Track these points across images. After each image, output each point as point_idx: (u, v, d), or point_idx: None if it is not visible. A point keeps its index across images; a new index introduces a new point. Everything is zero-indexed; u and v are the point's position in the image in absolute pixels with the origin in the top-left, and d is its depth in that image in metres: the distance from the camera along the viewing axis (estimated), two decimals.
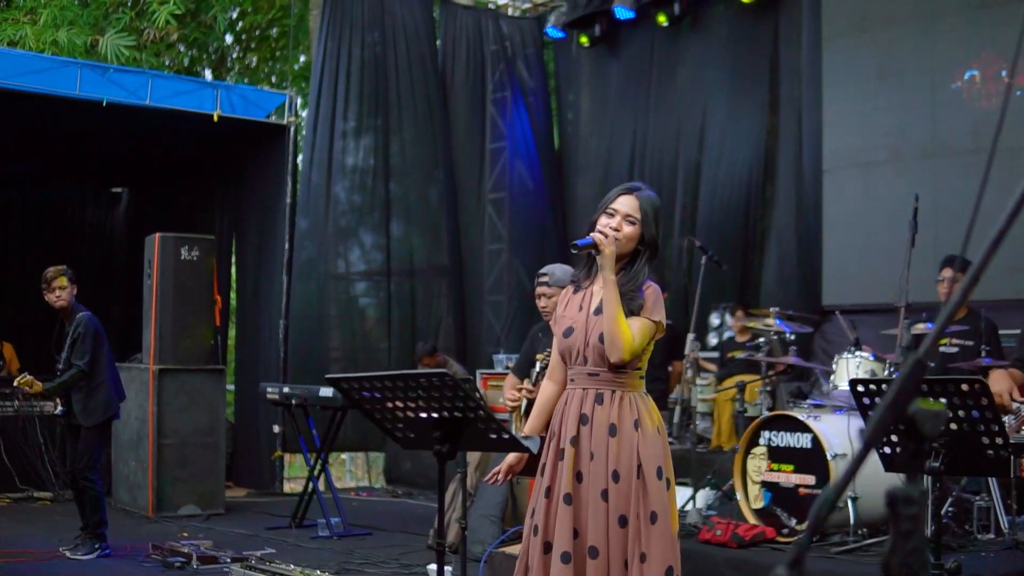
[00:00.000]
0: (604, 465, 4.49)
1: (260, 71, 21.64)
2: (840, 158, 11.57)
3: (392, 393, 4.22)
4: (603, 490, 4.47)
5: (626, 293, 4.52)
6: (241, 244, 13.76)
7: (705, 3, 13.18)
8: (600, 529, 4.46)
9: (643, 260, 4.59)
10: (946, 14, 10.81)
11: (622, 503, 4.45)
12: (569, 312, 4.69)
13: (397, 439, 4.49)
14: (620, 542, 4.44)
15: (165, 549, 8.51)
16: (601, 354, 4.51)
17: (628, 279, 4.56)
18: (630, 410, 4.52)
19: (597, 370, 4.55)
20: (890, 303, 10.44)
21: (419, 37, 14.13)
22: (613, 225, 4.57)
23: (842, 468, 7.30)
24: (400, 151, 13.93)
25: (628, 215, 4.58)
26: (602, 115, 14.60)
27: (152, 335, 10.87)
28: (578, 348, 4.60)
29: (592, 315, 4.58)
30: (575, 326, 4.63)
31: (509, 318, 14.55)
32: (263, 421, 12.86)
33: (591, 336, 4.55)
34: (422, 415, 4.23)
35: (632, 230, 4.57)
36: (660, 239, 4.66)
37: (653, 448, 4.49)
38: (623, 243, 4.56)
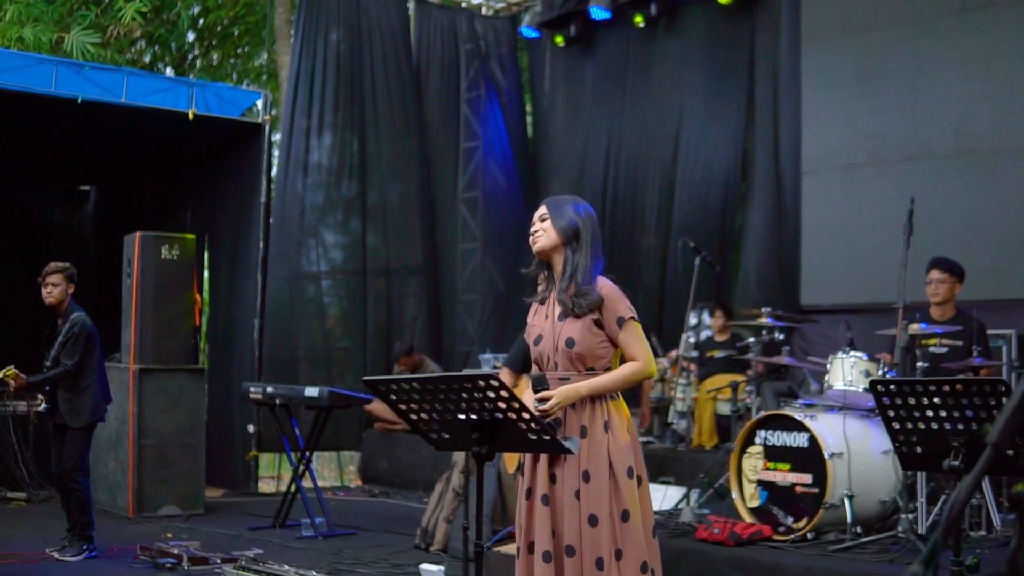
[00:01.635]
0: (576, 466, 4.64)
1: (223, 69, 21.50)
2: (820, 160, 11.65)
3: (432, 395, 4.24)
4: (576, 490, 4.64)
5: (575, 297, 4.75)
6: (214, 243, 13.68)
7: (681, 4, 13.21)
8: (574, 528, 4.63)
9: (573, 254, 4.81)
10: (928, 18, 10.91)
11: (593, 502, 4.61)
12: (537, 321, 4.91)
13: (431, 440, 4.50)
14: (591, 540, 4.60)
15: (153, 550, 8.46)
16: (570, 358, 4.72)
17: (568, 278, 4.79)
18: (601, 412, 4.70)
19: (567, 374, 4.73)
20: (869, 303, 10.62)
21: (394, 35, 14.10)
22: (532, 230, 4.90)
23: (839, 467, 7.39)
24: (374, 150, 13.89)
25: (540, 216, 4.92)
26: (577, 115, 14.62)
27: (132, 335, 10.79)
28: (548, 354, 4.80)
29: (556, 321, 4.78)
30: (543, 334, 4.83)
31: (483, 317, 14.56)
32: (237, 421, 12.81)
33: (559, 341, 4.75)
34: (460, 416, 4.24)
35: (546, 224, 4.87)
36: (592, 238, 4.89)
37: (623, 448, 4.68)
38: (545, 238, 4.85)
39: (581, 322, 4.70)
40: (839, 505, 7.36)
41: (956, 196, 10.23)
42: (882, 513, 7.63)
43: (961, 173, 10.56)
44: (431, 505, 9.45)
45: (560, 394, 4.60)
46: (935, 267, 8.42)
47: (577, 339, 4.69)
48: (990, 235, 10.20)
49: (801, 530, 7.41)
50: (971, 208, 10.31)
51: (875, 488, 7.56)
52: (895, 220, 10.63)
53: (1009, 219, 10.25)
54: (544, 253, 4.86)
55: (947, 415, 4.67)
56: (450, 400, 4.22)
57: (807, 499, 7.47)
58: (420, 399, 4.29)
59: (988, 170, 10.44)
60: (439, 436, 4.47)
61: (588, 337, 4.69)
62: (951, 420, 4.67)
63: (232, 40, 21.10)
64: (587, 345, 4.69)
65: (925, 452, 4.87)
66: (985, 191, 10.41)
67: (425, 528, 9.31)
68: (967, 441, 4.68)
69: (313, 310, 13.68)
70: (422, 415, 4.37)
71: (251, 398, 10.54)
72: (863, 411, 7.89)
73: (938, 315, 8.39)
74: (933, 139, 10.82)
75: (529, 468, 4.77)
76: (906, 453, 4.96)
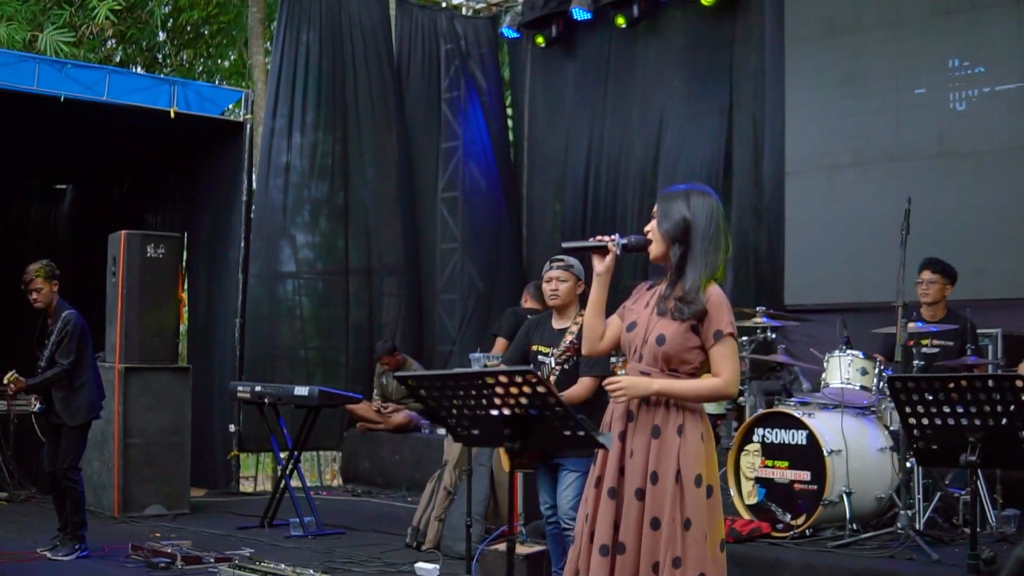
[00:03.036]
0: (643, 465, 4.55)
1: (194, 68, 21.42)
2: (803, 161, 11.70)
3: (465, 391, 4.24)
4: (638, 489, 4.55)
5: (679, 302, 4.58)
6: (193, 242, 13.64)
7: (663, 5, 13.22)
8: (631, 527, 4.54)
9: (680, 257, 4.62)
10: (912, 20, 10.97)
11: (657, 505, 4.51)
12: (637, 307, 4.77)
13: (459, 436, 4.50)
14: (651, 543, 4.50)
15: (146, 549, 8.45)
16: (656, 355, 4.58)
17: (675, 281, 4.64)
18: (676, 414, 4.58)
19: (649, 369, 4.61)
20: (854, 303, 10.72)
21: (375, 35, 14.06)
22: (646, 228, 4.75)
23: (837, 464, 7.46)
24: (355, 149, 13.85)
25: (653, 213, 4.75)
26: (558, 116, 14.63)
27: (118, 333, 10.76)
28: (636, 345, 4.68)
29: (655, 314, 4.65)
30: (638, 322, 4.71)
31: (464, 317, 14.56)
32: (218, 420, 12.79)
33: (650, 335, 4.62)
34: (492, 412, 4.24)
35: (653, 225, 4.71)
36: (704, 235, 4.61)
37: (695, 455, 4.54)
38: (654, 245, 4.69)
39: (678, 323, 4.57)
40: (837, 502, 7.43)
41: (940, 197, 10.30)
42: (878, 510, 7.71)
43: (945, 174, 10.63)
44: (422, 504, 9.47)
45: (630, 382, 4.55)
46: (927, 268, 8.52)
47: (668, 339, 4.56)
48: (974, 236, 10.29)
49: (800, 527, 7.48)
50: (955, 209, 10.39)
51: (872, 485, 7.64)
52: (879, 220, 10.81)
53: (992, 220, 10.34)
54: (657, 259, 4.72)
55: (964, 411, 4.72)
56: (483, 395, 4.21)
57: (805, 496, 7.53)
58: (452, 395, 4.29)
59: (971, 171, 10.53)
60: (468, 432, 4.47)
61: (680, 340, 4.56)
62: (968, 416, 4.72)
63: (204, 39, 21.02)
64: (676, 347, 4.56)
65: (941, 448, 4.93)
66: (968, 192, 10.49)
67: (416, 527, 9.33)
68: (983, 436, 4.74)
69: (293, 310, 13.62)
70: (453, 411, 4.36)
71: (239, 397, 10.53)
72: (859, 409, 7.98)
73: (928, 315, 8.49)
74: (917, 140, 10.88)
75: (601, 457, 4.68)
76: (922, 449, 5.02)
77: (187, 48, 21.09)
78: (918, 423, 4.90)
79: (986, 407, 4.68)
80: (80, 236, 15.26)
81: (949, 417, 4.78)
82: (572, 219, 14.09)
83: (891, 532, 7.28)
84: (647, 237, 4.70)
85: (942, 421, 4.82)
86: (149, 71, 20.38)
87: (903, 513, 7.23)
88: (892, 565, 6.76)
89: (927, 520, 7.44)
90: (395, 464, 12.62)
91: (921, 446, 5.00)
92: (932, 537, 7.15)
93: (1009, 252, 10.22)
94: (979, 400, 4.67)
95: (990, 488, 7.61)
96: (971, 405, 4.69)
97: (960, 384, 4.72)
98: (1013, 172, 10.28)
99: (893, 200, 10.47)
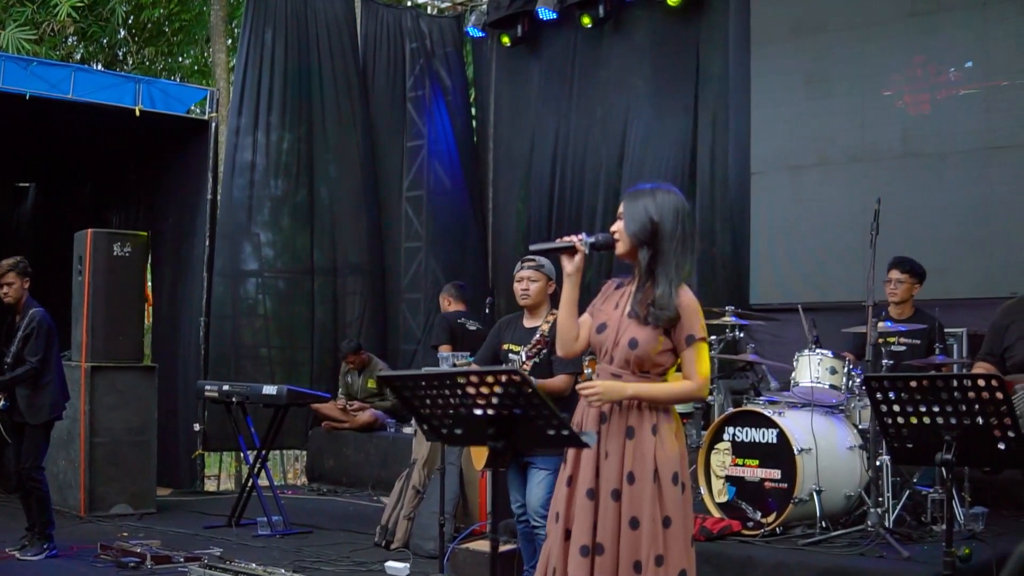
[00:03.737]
0: (618, 466, 4.57)
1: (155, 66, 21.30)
2: (769, 162, 11.76)
3: (450, 390, 4.23)
4: (614, 490, 4.56)
5: (651, 307, 4.57)
6: (157, 240, 13.57)
7: (629, 5, 13.25)
8: (608, 528, 4.55)
9: (649, 259, 4.61)
10: (877, 22, 11.05)
11: (636, 505, 4.53)
12: (607, 308, 4.77)
13: (440, 435, 4.49)
14: (630, 543, 4.52)
15: (115, 549, 8.44)
16: (628, 358, 4.60)
17: (644, 284, 4.64)
18: (649, 415, 4.59)
19: (620, 371, 4.63)
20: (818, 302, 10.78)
21: (340, 33, 14.04)
22: (612, 228, 4.73)
23: (808, 462, 7.52)
24: (320, 148, 13.83)
25: (619, 214, 4.73)
26: (523, 115, 14.63)
27: (84, 332, 10.73)
28: (607, 347, 4.68)
29: (626, 316, 4.65)
30: (608, 323, 4.70)
31: (428, 316, 14.55)
32: (182, 419, 12.75)
33: (622, 338, 4.62)
34: (476, 412, 4.24)
35: (619, 226, 4.68)
36: (671, 236, 4.59)
37: (670, 454, 4.57)
38: (620, 243, 4.68)
39: (650, 327, 4.56)
40: (808, 500, 7.47)
41: (904, 197, 10.38)
42: (847, 508, 7.76)
43: (909, 175, 10.72)
44: (391, 503, 9.47)
45: (605, 386, 4.55)
46: (896, 267, 8.60)
47: (641, 342, 4.57)
48: (938, 236, 10.38)
49: (770, 525, 7.51)
50: (919, 209, 10.47)
51: (841, 483, 7.69)
52: (844, 221, 10.92)
53: (956, 220, 10.45)
54: (623, 256, 4.70)
55: (940, 410, 4.77)
56: (467, 395, 4.21)
57: (776, 494, 7.57)
58: (436, 394, 4.28)
59: (935, 172, 10.63)
60: (450, 431, 4.46)
61: (652, 344, 4.56)
62: (943, 415, 4.77)
63: (165, 37, 20.91)
64: (648, 351, 4.57)
65: (917, 446, 4.97)
66: (932, 193, 10.59)
67: (385, 526, 9.34)
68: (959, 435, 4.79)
69: (257, 308, 13.57)
70: (436, 411, 4.35)
71: (206, 396, 10.51)
72: (828, 407, 8.04)
73: (896, 314, 8.57)
74: (881, 141, 10.97)
75: (573, 457, 4.68)
76: (897, 447, 5.06)
77: (148, 46, 20.96)
78: (894, 422, 4.94)
79: (962, 406, 4.72)
80: (42, 235, 15.17)
81: (925, 416, 4.82)
82: (537, 218, 14.11)
83: (861, 530, 7.33)
84: (614, 237, 4.69)
85: (918, 420, 4.85)
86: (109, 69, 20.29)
87: (873, 511, 7.29)
88: (863, 563, 6.80)
89: (896, 518, 7.50)
90: (360, 463, 12.61)
91: (897, 445, 5.04)
92: (902, 535, 7.21)
93: (973, 252, 10.33)
94: (954, 399, 4.72)
95: (958, 486, 7.68)
96: (947, 404, 4.73)
97: (936, 384, 4.77)
98: (977, 173, 10.39)
99: (858, 201, 10.61)
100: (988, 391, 4.69)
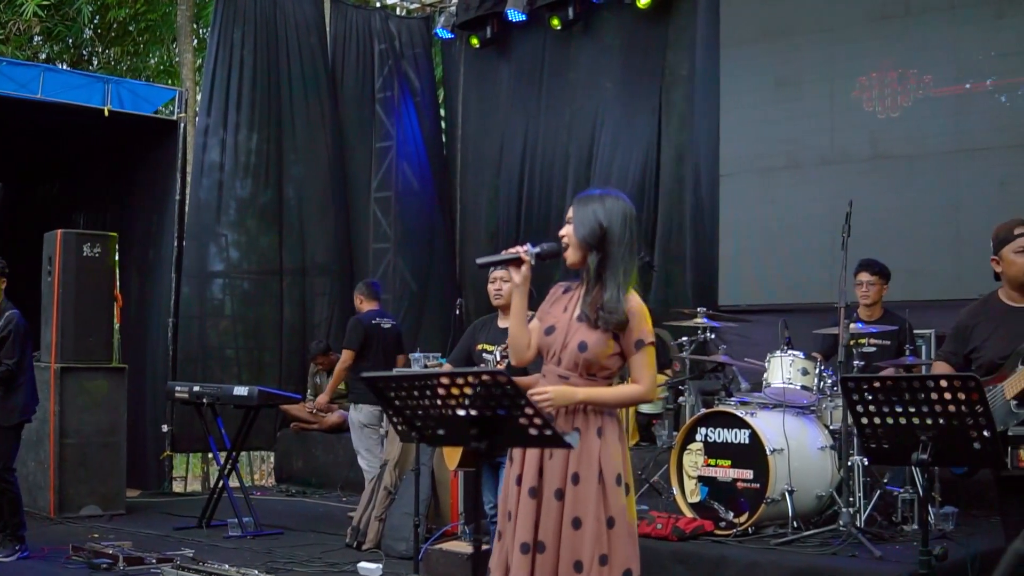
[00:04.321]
0: (563, 466, 4.61)
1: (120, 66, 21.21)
2: (738, 164, 11.82)
3: (433, 391, 4.24)
4: (557, 489, 4.61)
5: (601, 311, 4.62)
6: (125, 242, 13.52)
7: (598, 7, 13.28)
8: (551, 527, 4.60)
9: (599, 264, 4.66)
10: (847, 25, 11.13)
11: (579, 506, 4.57)
12: (555, 311, 4.82)
13: (424, 437, 4.50)
14: (571, 543, 4.56)
15: (87, 550, 8.40)
16: (577, 361, 4.65)
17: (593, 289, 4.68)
18: (595, 418, 4.66)
19: (568, 373, 4.68)
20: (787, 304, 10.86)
21: (309, 34, 14.02)
22: (560, 233, 4.76)
23: (780, 463, 7.56)
24: (289, 148, 13.80)
25: (568, 218, 4.77)
26: (492, 117, 14.65)
27: (54, 333, 10.68)
28: (555, 349, 4.73)
29: (575, 320, 4.70)
30: (557, 326, 4.75)
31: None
32: (150, 421, 12.71)
33: (570, 340, 4.68)
34: (459, 412, 4.25)
35: (568, 230, 4.73)
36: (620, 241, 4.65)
37: (614, 455, 4.64)
38: (569, 249, 4.72)
39: (600, 331, 4.62)
40: (780, 500, 7.52)
41: (873, 200, 10.43)
42: (819, 508, 7.82)
43: (877, 177, 10.80)
44: (362, 504, 9.47)
45: (556, 392, 4.59)
46: (865, 269, 8.66)
47: (590, 346, 4.62)
48: (906, 238, 10.46)
49: (742, 525, 7.56)
50: (887, 212, 10.54)
51: (812, 483, 7.74)
52: (813, 223, 10.98)
53: (924, 222, 10.53)
54: (574, 265, 4.74)
55: (916, 411, 4.79)
56: (451, 396, 4.22)
57: (748, 494, 7.62)
58: (419, 395, 4.30)
59: (904, 175, 10.70)
60: (432, 432, 4.47)
61: (601, 347, 4.62)
62: (920, 415, 4.79)
63: (131, 37, 20.82)
64: (597, 354, 4.62)
65: (893, 447, 5.00)
66: (901, 195, 10.66)
67: (356, 527, 9.34)
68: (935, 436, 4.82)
69: (223, 310, 13.52)
70: (419, 411, 4.36)
71: (177, 397, 10.47)
72: (799, 408, 8.09)
73: (866, 316, 8.63)
74: (851, 144, 11.05)
75: (519, 456, 4.72)
76: (874, 448, 5.08)
77: (114, 46, 20.88)
78: (870, 422, 4.96)
79: (938, 407, 4.75)
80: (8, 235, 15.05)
81: (901, 416, 4.85)
82: (506, 219, 14.13)
83: (832, 530, 7.38)
84: (563, 242, 4.73)
85: (894, 420, 4.88)
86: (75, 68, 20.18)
87: (845, 511, 7.34)
88: (836, 562, 6.86)
89: (867, 518, 7.56)
90: (328, 464, 12.58)
91: (873, 445, 5.06)
92: (873, 535, 7.27)
93: (942, 254, 10.41)
94: (931, 400, 4.75)
95: (928, 486, 7.73)
96: (923, 405, 4.76)
97: (913, 384, 4.79)
98: (946, 176, 10.48)
99: (827, 203, 10.67)
100: (964, 391, 4.72)
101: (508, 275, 6.88)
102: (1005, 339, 5.40)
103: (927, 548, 4.97)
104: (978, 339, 5.57)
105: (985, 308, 5.68)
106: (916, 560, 6.45)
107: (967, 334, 5.64)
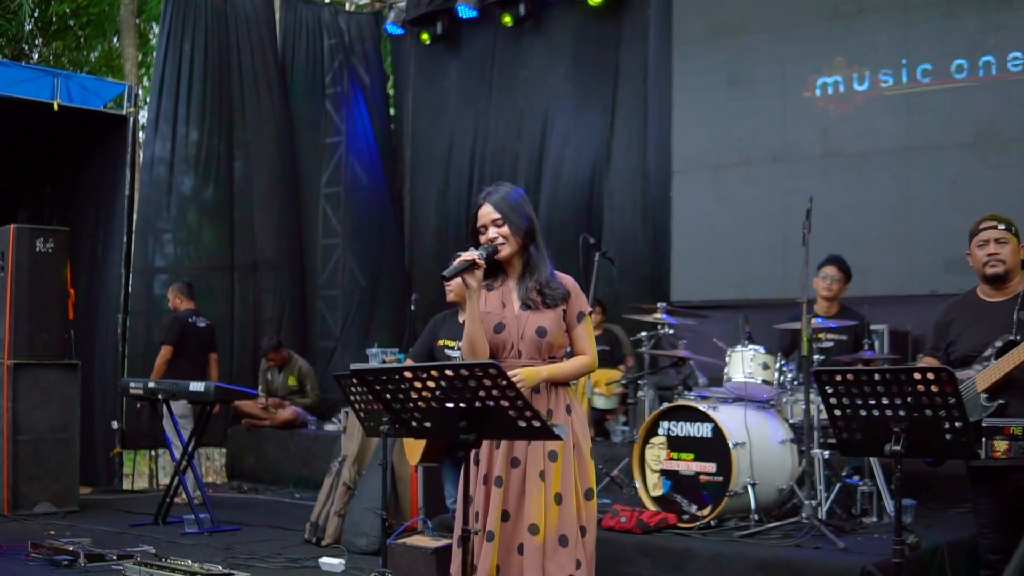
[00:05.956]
0: (541, 448, 4.74)
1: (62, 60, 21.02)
2: (690, 160, 11.92)
3: (422, 383, 4.27)
4: (541, 471, 4.73)
5: (544, 289, 4.85)
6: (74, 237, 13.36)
7: (549, 5, 13.35)
8: (540, 507, 4.71)
9: (536, 252, 4.90)
10: (799, 23, 11.27)
11: (560, 481, 4.73)
12: (494, 309, 4.90)
13: (410, 429, 4.53)
14: (556, 519, 4.71)
15: (47, 547, 8.33)
16: (539, 347, 4.81)
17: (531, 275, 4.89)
18: (563, 396, 4.86)
19: (531, 361, 4.82)
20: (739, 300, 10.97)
21: (259, 28, 14.01)
22: (489, 236, 4.84)
23: (742, 456, 7.64)
24: (239, 142, 13.76)
25: (493, 221, 4.86)
26: (442, 113, 14.67)
27: (7, 329, 10.57)
28: (512, 342, 4.85)
29: (520, 311, 4.85)
30: (506, 323, 4.86)
31: (347, 314, 14.54)
32: (100, 417, 12.60)
33: (526, 330, 4.82)
34: (447, 405, 4.29)
35: (504, 230, 4.84)
36: (538, 229, 4.95)
37: (584, 430, 4.89)
38: (508, 247, 4.86)
39: (552, 313, 4.81)
40: (742, 493, 7.60)
41: (825, 197, 10.47)
42: (780, 500, 7.90)
43: (829, 174, 10.94)
44: (320, 499, 9.44)
45: (526, 373, 4.70)
46: (832, 264, 8.75)
47: (548, 328, 4.78)
48: (858, 234, 10.58)
49: (705, 517, 7.63)
50: (839, 208, 10.65)
51: (773, 476, 7.83)
52: (765, 220, 11.10)
53: (876, 219, 10.67)
54: (507, 260, 4.89)
55: (889, 402, 4.87)
56: (440, 388, 4.25)
57: (711, 487, 7.68)
58: (408, 388, 4.32)
59: (856, 172, 10.85)
60: (420, 425, 4.49)
61: (557, 327, 4.80)
62: (892, 407, 4.87)
63: (72, 31, 20.64)
64: (555, 334, 4.80)
65: (865, 438, 5.07)
66: (853, 192, 10.80)
67: (315, 522, 9.31)
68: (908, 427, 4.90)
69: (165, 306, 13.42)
70: (408, 404, 4.39)
71: (131, 393, 10.39)
72: (760, 402, 8.18)
73: (823, 310, 8.72)
74: (802, 141, 11.19)
75: (486, 454, 4.79)
76: (846, 439, 5.16)
77: (55, 40, 20.69)
78: (843, 414, 5.02)
79: (911, 399, 4.83)
80: None
81: (875, 408, 4.92)
82: (456, 216, 14.15)
83: (795, 522, 7.46)
84: (497, 243, 4.84)
85: (867, 412, 4.95)
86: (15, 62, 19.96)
87: (807, 503, 7.42)
88: (801, 553, 6.92)
89: (827, 510, 7.65)
90: (280, 460, 12.58)
91: (846, 436, 5.13)
92: (835, 526, 7.36)
93: (893, 251, 10.56)
94: (904, 392, 4.82)
95: (887, 478, 7.85)
96: (896, 396, 4.83)
97: (886, 376, 4.87)
98: (897, 173, 10.63)
99: (779, 200, 10.80)
100: (937, 383, 4.80)
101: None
102: (979, 333, 5.52)
103: (901, 538, 5.03)
104: (955, 333, 5.69)
105: (963, 303, 5.81)
106: (882, 551, 6.65)
107: (945, 329, 5.76)
